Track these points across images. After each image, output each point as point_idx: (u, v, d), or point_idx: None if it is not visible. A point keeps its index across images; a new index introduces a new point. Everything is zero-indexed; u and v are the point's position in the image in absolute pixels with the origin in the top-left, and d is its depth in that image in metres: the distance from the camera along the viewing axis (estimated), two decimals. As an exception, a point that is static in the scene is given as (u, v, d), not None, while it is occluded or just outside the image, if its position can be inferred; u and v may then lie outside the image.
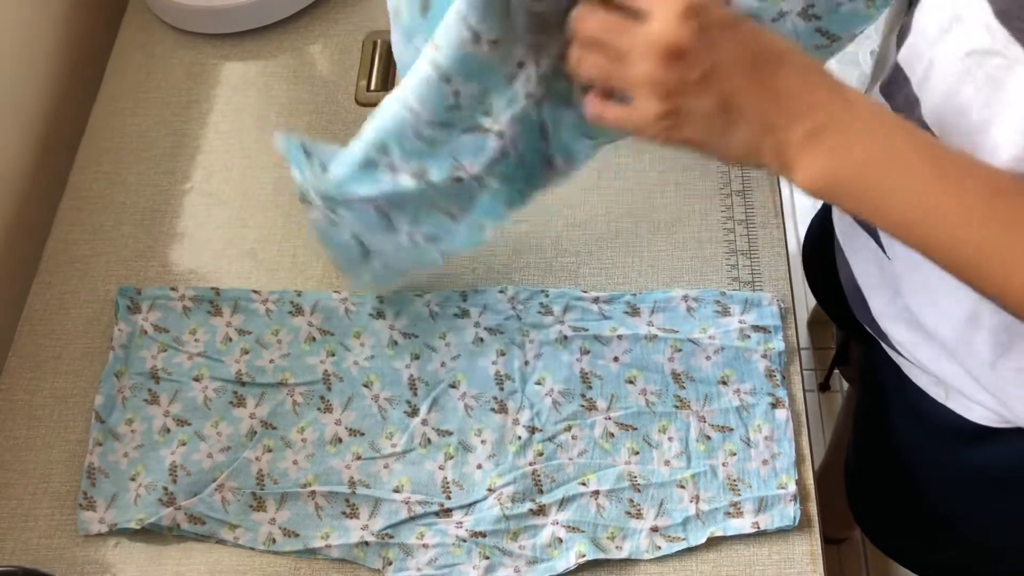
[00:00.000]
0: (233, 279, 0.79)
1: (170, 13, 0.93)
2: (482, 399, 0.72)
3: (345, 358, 0.74)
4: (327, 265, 0.79)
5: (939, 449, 0.74)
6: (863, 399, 0.89)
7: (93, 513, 0.69)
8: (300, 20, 0.93)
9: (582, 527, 0.67)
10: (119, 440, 0.72)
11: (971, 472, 0.73)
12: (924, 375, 0.71)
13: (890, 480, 0.85)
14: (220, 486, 0.69)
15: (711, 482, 0.68)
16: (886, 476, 0.86)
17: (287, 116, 0.88)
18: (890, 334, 0.71)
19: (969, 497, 0.75)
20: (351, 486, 0.69)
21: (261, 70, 0.91)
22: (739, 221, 0.78)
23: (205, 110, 0.89)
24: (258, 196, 0.83)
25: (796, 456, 0.69)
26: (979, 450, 0.70)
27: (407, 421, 0.72)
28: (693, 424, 0.70)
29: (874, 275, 0.70)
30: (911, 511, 0.84)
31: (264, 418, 0.72)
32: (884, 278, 0.69)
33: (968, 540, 0.80)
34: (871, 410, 0.85)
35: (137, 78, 0.91)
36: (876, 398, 0.83)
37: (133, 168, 0.86)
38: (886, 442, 0.82)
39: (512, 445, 0.70)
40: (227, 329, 0.76)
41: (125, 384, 0.74)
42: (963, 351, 0.64)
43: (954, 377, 0.67)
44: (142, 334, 0.76)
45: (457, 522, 0.68)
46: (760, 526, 0.66)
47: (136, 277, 0.80)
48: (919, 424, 0.75)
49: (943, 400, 0.70)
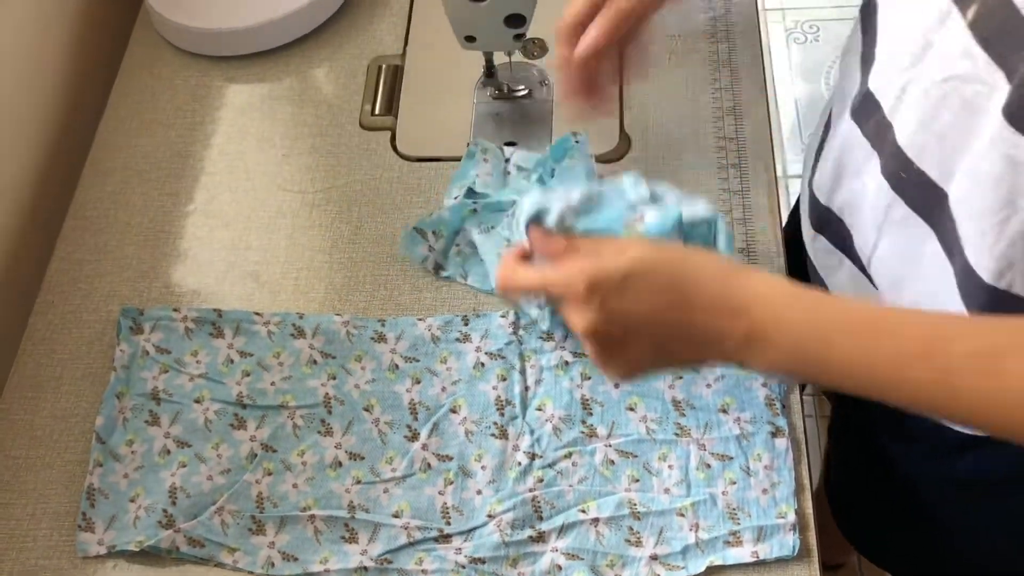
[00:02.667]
0: (235, 301, 0.79)
1: (176, 35, 0.94)
2: (482, 424, 0.72)
3: (346, 381, 0.74)
4: (329, 288, 0.79)
5: (922, 459, 0.75)
6: (840, 411, 0.89)
7: (92, 534, 0.69)
8: (305, 44, 0.94)
9: (581, 555, 0.67)
10: (119, 461, 0.72)
11: (955, 481, 0.73)
12: None
13: (874, 491, 0.85)
14: (220, 509, 0.69)
15: (711, 511, 0.68)
16: (869, 487, 0.86)
17: (291, 139, 0.89)
18: None
19: (955, 506, 0.76)
20: (351, 510, 0.69)
21: (266, 93, 0.92)
22: (740, 249, 0.79)
23: (210, 132, 0.89)
24: (261, 218, 0.84)
25: (796, 485, 0.69)
26: (963, 459, 0.70)
27: (407, 446, 0.72)
28: (693, 452, 0.70)
29: (849, 292, 0.71)
30: (897, 522, 0.84)
31: (265, 441, 0.72)
32: (864, 297, 0.70)
33: (958, 549, 0.81)
34: (850, 422, 0.86)
35: (142, 99, 0.92)
36: (854, 410, 0.83)
37: (137, 189, 0.86)
38: (867, 453, 0.82)
39: (512, 471, 0.70)
40: (229, 351, 0.76)
41: (126, 405, 0.74)
42: None
43: None
44: (144, 355, 0.76)
45: (456, 548, 0.68)
46: (759, 555, 0.66)
47: (139, 298, 0.80)
48: (901, 435, 0.75)
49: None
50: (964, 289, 0.57)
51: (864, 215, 0.64)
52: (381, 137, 0.88)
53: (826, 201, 0.70)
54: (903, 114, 0.57)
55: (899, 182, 0.59)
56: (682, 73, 0.90)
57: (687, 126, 0.87)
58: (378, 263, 0.81)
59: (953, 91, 0.52)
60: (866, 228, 0.65)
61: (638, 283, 0.52)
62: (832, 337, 0.50)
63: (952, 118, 0.53)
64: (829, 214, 0.70)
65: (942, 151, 0.55)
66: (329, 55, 0.94)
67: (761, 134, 0.86)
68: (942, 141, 0.54)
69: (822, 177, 0.70)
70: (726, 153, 0.84)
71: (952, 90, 0.52)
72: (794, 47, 1.99)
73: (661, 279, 0.52)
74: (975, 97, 0.51)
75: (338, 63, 0.93)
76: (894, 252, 0.63)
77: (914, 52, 0.55)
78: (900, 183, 0.59)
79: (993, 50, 0.49)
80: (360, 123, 0.89)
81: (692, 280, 0.52)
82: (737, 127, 0.86)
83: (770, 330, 0.51)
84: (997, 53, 0.49)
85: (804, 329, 0.51)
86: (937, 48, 0.53)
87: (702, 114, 0.87)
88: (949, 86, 0.52)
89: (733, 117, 0.87)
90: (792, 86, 1.93)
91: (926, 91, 0.54)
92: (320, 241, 0.82)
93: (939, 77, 0.53)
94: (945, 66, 0.52)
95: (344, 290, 0.79)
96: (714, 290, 0.52)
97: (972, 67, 0.50)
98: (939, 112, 0.54)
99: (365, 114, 0.90)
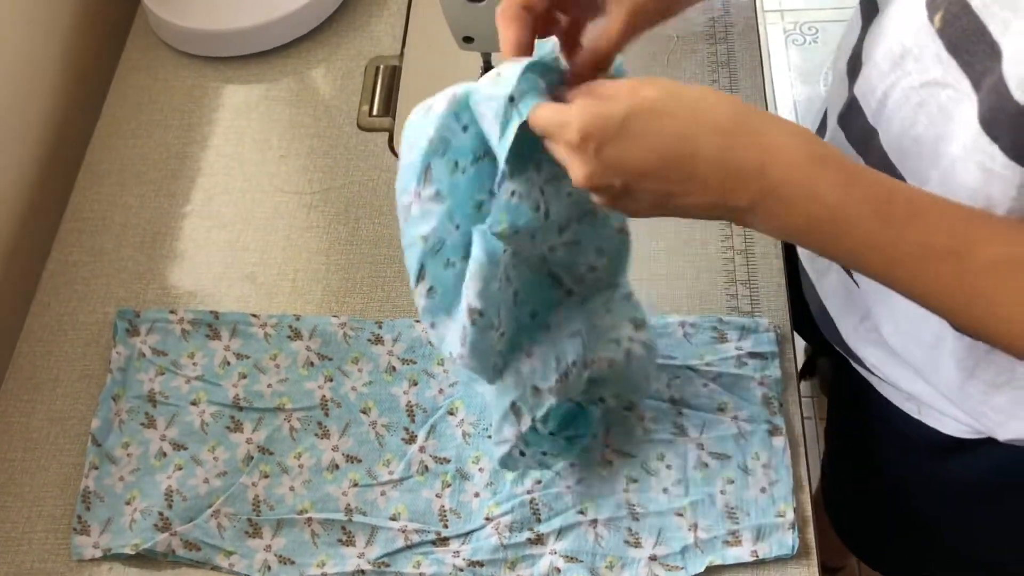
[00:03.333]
0: (232, 302, 0.79)
1: (173, 36, 0.93)
2: (480, 426, 0.72)
3: (343, 383, 0.74)
4: (326, 289, 0.79)
5: (915, 461, 0.75)
6: (834, 412, 0.89)
7: (87, 538, 0.68)
8: (303, 44, 0.94)
9: (580, 556, 0.67)
10: (115, 464, 0.71)
11: (948, 483, 0.74)
12: (896, 391, 0.72)
13: (869, 494, 0.85)
14: (216, 512, 0.69)
15: (709, 510, 0.68)
16: (864, 490, 0.86)
17: (288, 140, 0.88)
18: (861, 355, 0.71)
19: (948, 507, 0.76)
20: (348, 513, 0.69)
21: (263, 94, 0.91)
22: (739, 251, 0.79)
23: (207, 133, 0.89)
24: (258, 220, 0.83)
25: (794, 484, 0.69)
26: (955, 461, 0.70)
27: (404, 448, 0.71)
28: (691, 452, 0.70)
29: (841, 297, 0.71)
30: (893, 525, 0.84)
31: (261, 443, 0.72)
32: (852, 301, 0.70)
33: (953, 550, 0.81)
34: (843, 424, 0.86)
35: (139, 100, 0.91)
36: (848, 412, 0.83)
37: (134, 190, 0.86)
38: (861, 455, 0.82)
39: (510, 473, 0.70)
40: (225, 353, 0.75)
41: (122, 407, 0.73)
42: (931, 372, 0.65)
43: (925, 395, 0.68)
44: (140, 357, 0.75)
45: (454, 551, 0.67)
46: (759, 555, 0.66)
47: (135, 299, 0.80)
48: (893, 437, 0.75)
49: (916, 415, 0.71)
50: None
51: None
52: (379, 138, 0.88)
53: None
54: (886, 120, 0.57)
55: None
56: (681, 74, 0.90)
57: (685, 126, 0.86)
58: (375, 265, 0.80)
59: (930, 96, 0.52)
60: None
61: (637, 130, 0.46)
62: (854, 218, 0.46)
63: (928, 122, 0.53)
64: None
65: (919, 156, 0.55)
66: (326, 56, 0.93)
67: (759, 134, 0.85)
68: (919, 146, 0.54)
69: None
70: (724, 153, 0.84)
71: (929, 96, 0.52)
72: (793, 49, 1.99)
73: (666, 126, 0.46)
74: (948, 102, 0.51)
75: (335, 64, 0.93)
76: None
77: (893, 58, 0.55)
78: None
79: (960, 56, 0.49)
80: (358, 124, 0.89)
81: (703, 127, 0.46)
82: (735, 127, 0.86)
83: (785, 195, 0.46)
84: (963, 60, 0.49)
85: (826, 203, 0.46)
86: (913, 53, 0.53)
87: (700, 114, 0.87)
88: (926, 91, 0.53)
89: (731, 117, 0.86)
90: (791, 88, 1.93)
91: (906, 96, 0.54)
92: (317, 243, 0.82)
93: (917, 82, 0.53)
94: (921, 72, 0.52)
95: (341, 292, 0.79)
96: (725, 143, 0.46)
97: (943, 73, 0.51)
98: (918, 117, 0.54)
99: (363, 115, 0.89)
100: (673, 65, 0.90)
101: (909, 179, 0.56)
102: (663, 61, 0.91)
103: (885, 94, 0.56)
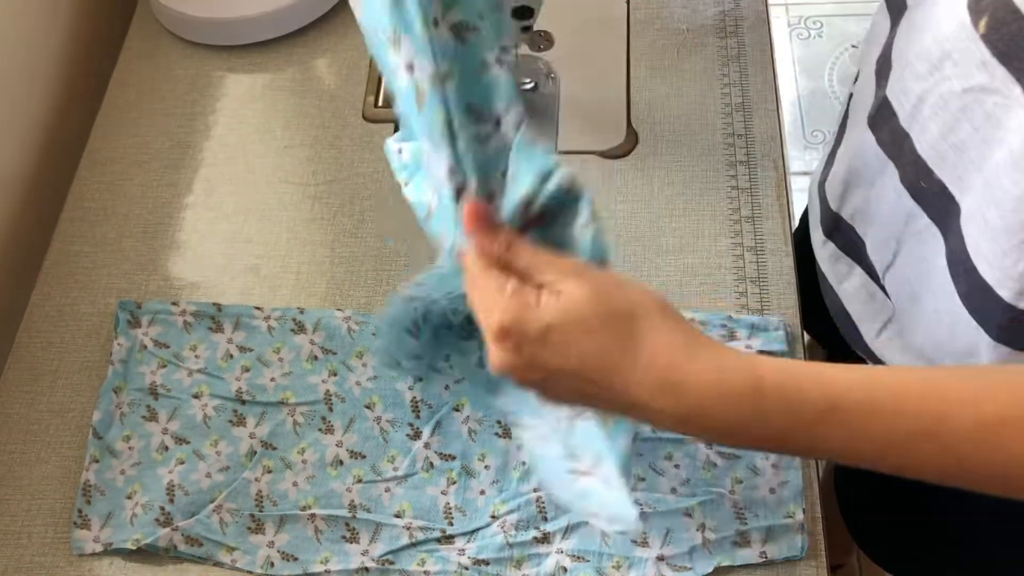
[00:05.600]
0: (235, 295, 0.78)
1: (176, 24, 0.92)
2: (486, 423, 0.71)
3: (347, 378, 0.73)
4: (330, 282, 0.78)
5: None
6: None
7: (88, 532, 0.68)
8: (308, 34, 0.93)
9: (587, 556, 0.66)
10: (116, 457, 0.70)
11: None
12: None
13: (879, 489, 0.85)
14: (218, 507, 0.68)
15: (717, 510, 0.67)
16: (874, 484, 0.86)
17: (292, 130, 0.87)
18: (886, 360, 0.70)
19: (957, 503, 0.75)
20: (352, 510, 0.68)
21: (267, 83, 0.90)
22: (749, 248, 0.78)
23: (210, 122, 0.88)
24: (262, 211, 0.82)
25: (803, 484, 0.68)
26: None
27: (409, 444, 0.70)
28: (699, 451, 0.69)
29: (864, 302, 0.70)
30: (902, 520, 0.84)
31: (264, 438, 0.71)
32: (875, 306, 0.69)
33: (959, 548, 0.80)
34: None
35: (141, 89, 0.90)
36: None
37: (136, 180, 0.85)
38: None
39: (516, 471, 0.69)
40: (228, 346, 0.75)
41: (123, 400, 0.72)
42: None
43: None
44: (142, 349, 0.74)
45: (459, 549, 0.66)
46: (768, 556, 0.66)
47: (137, 291, 0.79)
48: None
49: None
50: (979, 309, 0.56)
51: (879, 225, 0.63)
52: (384, 129, 0.87)
53: (836, 207, 0.69)
54: (921, 123, 0.56)
55: (919, 192, 0.58)
56: (691, 68, 0.89)
57: (695, 122, 0.85)
58: (380, 258, 0.79)
59: (975, 102, 0.51)
60: (882, 238, 0.64)
61: (558, 339, 0.45)
62: (815, 427, 0.45)
63: (973, 130, 0.52)
64: (839, 220, 0.69)
65: (960, 162, 0.54)
66: (332, 45, 0.92)
67: (770, 131, 0.84)
68: (961, 153, 0.53)
69: (833, 181, 0.69)
70: (735, 150, 0.83)
71: (973, 101, 0.51)
72: (797, 42, 1.98)
73: (587, 343, 0.45)
74: (995, 109, 0.50)
75: (341, 54, 0.92)
76: (911, 264, 0.62)
77: (932, 61, 0.54)
78: (920, 192, 0.58)
79: (1009, 63, 0.48)
80: (363, 115, 0.88)
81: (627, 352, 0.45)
82: (746, 123, 0.85)
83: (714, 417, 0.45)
84: (1013, 66, 0.48)
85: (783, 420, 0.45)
86: (953, 57, 0.52)
87: (711, 110, 0.86)
88: (970, 97, 0.51)
89: (742, 113, 0.85)
90: (795, 82, 1.92)
91: (945, 101, 0.53)
92: (322, 235, 0.81)
93: (959, 88, 0.52)
94: (964, 77, 0.51)
95: (346, 285, 0.78)
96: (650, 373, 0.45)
97: (990, 79, 0.49)
98: (959, 123, 0.53)
99: (368, 105, 0.88)
100: (683, 58, 0.89)
101: (949, 185, 0.55)
102: (673, 54, 0.90)
103: (921, 98, 0.55)
